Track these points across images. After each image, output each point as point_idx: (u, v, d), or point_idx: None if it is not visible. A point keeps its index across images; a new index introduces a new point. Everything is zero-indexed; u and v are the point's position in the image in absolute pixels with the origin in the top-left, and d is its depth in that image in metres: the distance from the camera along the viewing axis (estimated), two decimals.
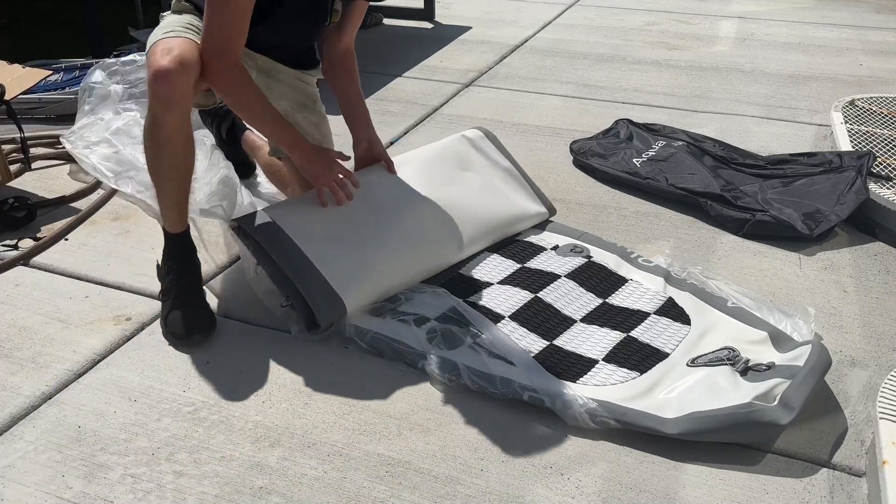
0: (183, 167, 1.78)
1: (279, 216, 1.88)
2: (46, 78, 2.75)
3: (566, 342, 1.76)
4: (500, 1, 5.09)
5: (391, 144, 2.87)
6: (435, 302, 1.85)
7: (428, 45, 4.11)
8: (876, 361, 1.77)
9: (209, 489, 1.42)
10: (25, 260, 2.12)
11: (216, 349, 1.79)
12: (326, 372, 1.72)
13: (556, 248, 2.12)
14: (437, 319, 1.79)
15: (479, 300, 1.89)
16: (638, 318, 1.85)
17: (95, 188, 2.49)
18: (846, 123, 2.84)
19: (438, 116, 3.16)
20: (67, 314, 1.90)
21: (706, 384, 1.61)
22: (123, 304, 1.94)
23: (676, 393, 1.60)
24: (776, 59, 3.92)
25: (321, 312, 1.76)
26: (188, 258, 1.87)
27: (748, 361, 1.67)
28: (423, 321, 1.78)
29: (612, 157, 2.67)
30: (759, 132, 3.00)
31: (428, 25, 4.53)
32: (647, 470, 1.47)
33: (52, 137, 2.76)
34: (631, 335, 1.79)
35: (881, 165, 2.50)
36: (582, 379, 1.65)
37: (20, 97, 2.66)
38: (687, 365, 1.69)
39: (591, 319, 1.84)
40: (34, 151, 2.67)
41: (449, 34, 4.32)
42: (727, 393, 1.57)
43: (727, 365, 1.66)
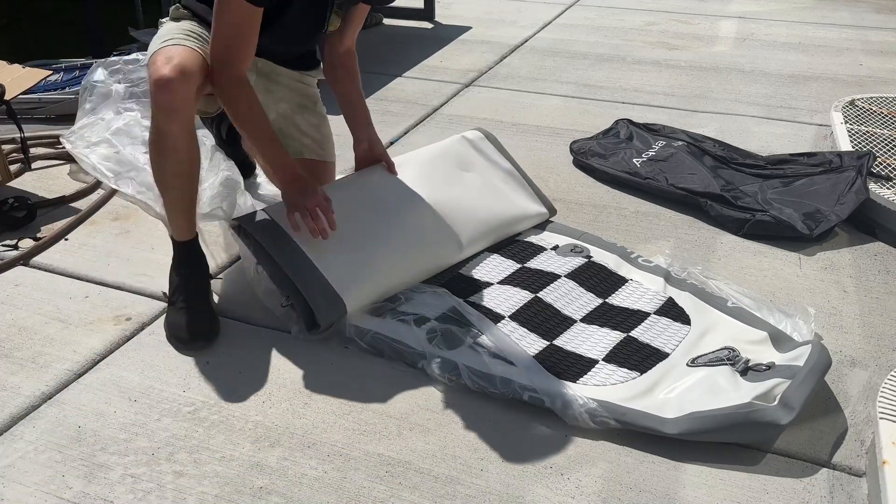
0: (188, 175, 1.77)
1: (280, 216, 1.88)
2: (46, 78, 2.75)
3: (566, 342, 1.76)
4: (500, 1, 5.09)
5: (391, 144, 2.87)
6: (435, 302, 1.85)
7: (428, 45, 4.11)
8: (876, 361, 1.77)
9: (209, 489, 1.42)
10: (25, 260, 2.12)
11: (216, 349, 1.79)
12: (326, 372, 1.72)
13: (556, 248, 2.12)
14: (437, 319, 1.79)
15: (479, 300, 1.89)
16: (638, 318, 1.85)
17: (95, 188, 2.49)
18: (846, 123, 2.84)
19: (438, 116, 3.16)
20: (67, 314, 1.90)
21: (706, 384, 1.61)
22: (123, 304, 1.94)
23: (676, 393, 1.60)
24: (776, 59, 3.93)
25: (321, 312, 1.76)
26: (196, 263, 1.87)
27: (748, 361, 1.67)
28: (423, 321, 1.78)
29: (612, 157, 2.67)
30: (759, 132, 3.00)
31: (428, 25, 4.53)
32: (647, 470, 1.47)
33: (52, 137, 2.76)
34: (631, 335, 1.79)
35: (881, 165, 2.50)
36: (582, 379, 1.65)
37: (20, 97, 2.66)
38: (687, 365, 1.69)
39: (591, 319, 1.84)
40: (34, 151, 2.67)
41: (449, 34, 4.33)
42: (727, 393, 1.57)
43: (727, 365, 1.66)
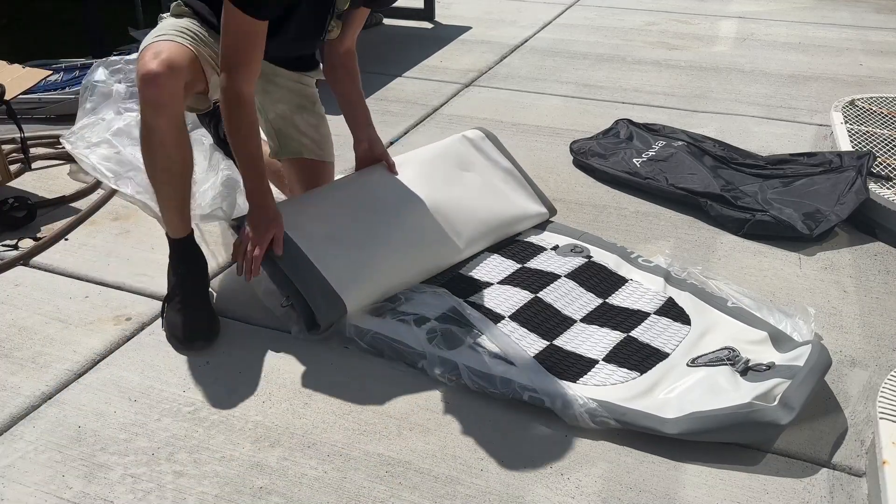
0: (178, 171, 1.76)
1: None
2: (46, 78, 2.75)
3: (566, 342, 1.76)
4: (500, 1, 5.09)
5: (391, 144, 2.87)
6: (435, 302, 1.85)
7: (428, 45, 4.11)
8: (876, 361, 1.77)
9: (209, 489, 1.42)
10: (25, 260, 2.12)
11: (216, 349, 1.79)
12: (326, 372, 1.72)
13: (556, 248, 2.12)
14: (437, 319, 1.79)
15: (479, 300, 1.89)
16: (638, 318, 1.85)
17: (95, 188, 2.49)
18: (846, 123, 2.84)
19: (438, 116, 3.16)
20: (67, 314, 1.90)
21: (706, 384, 1.61)
22: (123, 304, 1.94)
23: (676, 393, 1.60)
24: (776, 59, 3.93)
25: (321, 312, 1.76)
26: (193, 261, 1.87)
27: (748, 361, 1.67)
28: (423, 321, 1.78)
29: (612, 157, 2.67)
30: (759, 132, 3.00)
31: (428, 25, 4.53)
32: (647, 470, 1.47)
33: (52, 137, 2.76)
34: (631, 335, 1.79)
35: (881, 165, 2.50)
36: (582, 379, 1.65)
37: (20, 97, 2.66)
38: (687, 365, 1.69)
39: (591, 319, 1.84)
40: (34, 151, 2.68)
41: (449, 34, 4.33)
42: (727, 393, 1.57)
43: (727, 365, 1.66)
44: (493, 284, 1.96)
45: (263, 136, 2.21)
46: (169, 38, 1.74)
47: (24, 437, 1.54)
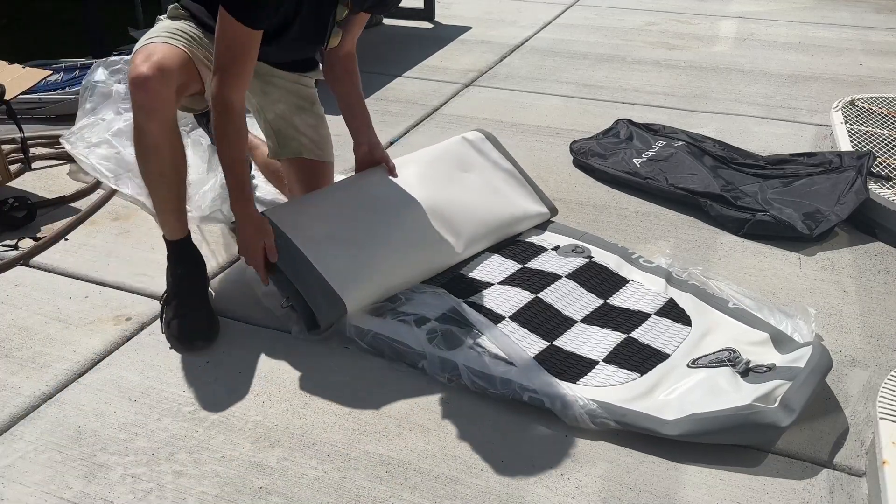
0: (172, 174, 1.76)
1: (279, 217, 1.88)
2: (46, 78, 2.75)
3: (566, 343, 1.76)
4: (500, 1, 5.09)
5: (391, 144, 2.87)
6: (435, 302, 1.85)
7: (428, 45, 4.11)
8: (876, 361, 1.77)
9: (209, 489, 1.42)
10: (25, 260, 2.12)
11: (216, 349, 1.79)
12: (326, 372, 1.72)
13: (556, 248, 2.12)
14: (437, 320, 1.79)
15: (479, 300, 1.89)
16: (639, 318, 1.85)
17: (95, 188, 2.49)
18: (846, 123, 2.84)
19: (438, 116, 3.16)
20: (67, 314, 1.90)
21: (707, 385, 1.61)
22: (123, 304, 1.94)
23: (677, 394, 1.60)
24: (776, 59, 3.92)
25: (321, 312, 1.76)
26: (191, 262, 1.87)
27: (749, 363, 1.67)
28: (423, 321, 1.78)
29: (612, 157, 2.67)
30: (759, 132, 3.00)
31: (428, 25, 4.53)
32: (647, 470, 1.47)
33: (52, 137, 2.76)
34: (631, 336, 1.79)
35: (881, 165, 2.50)
36: (582, 380, 1.65)
37: (20, 97, 2.66)
38: (687, 366, 1.69)
39: (591, 320, 1.84)
40: (34, 151, 2.67)
41: (449, 34, 4.32)
42: (728, 394, 1.57)
43: (728, 366, 1.65)
44: (493, 285, 1.96)
45: (263, 136, 2.21)
46: (161, 40, 1.73)
47: (24, 437, 1.53)
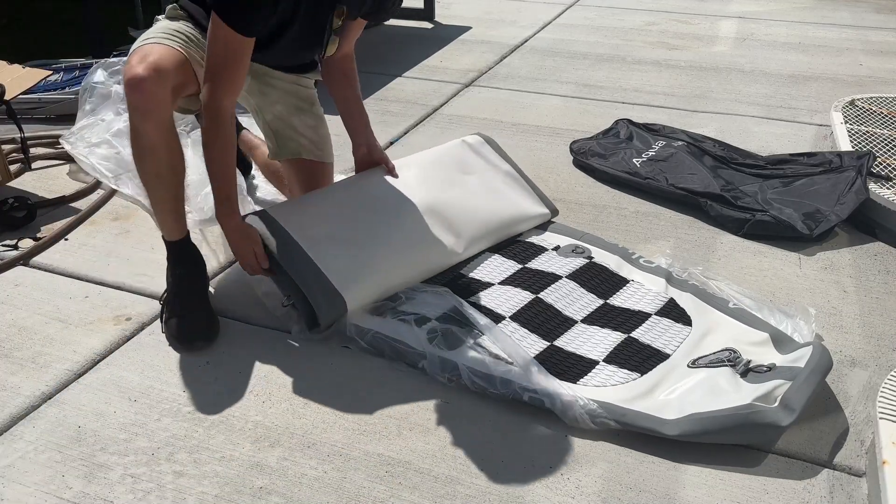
0: (169, 175, 1.75)
1: (280, 216, 1.88)
2: (46, 78, 2.75)
3: (567, 343, 1.76)
4: (500, 1, 5.09)
5: (391, 144, 2.87)
6: (436, 302, 1.85)
7: (428, 45, 4.11)
8: (876, 361, 1.77)
9: (209, 489, 1.42)
10: (25, 260, 2.12)
11: (216, 349, 1.79)
12: (326, 372, 1.72)
13: (557, 248, 2.12)
14: (437, 319, 1.79)
15: (479, 300, 1.89)
16: (639, 318, 1.85)
17: (95, 188, 2.49)
18: (846, 123, 2.84)
19: (438, 116, 3.16)
20: (67, 314, 1.90)
21: (707, 385, 1.61)
22: (123, 304, 1.94)
23: (677, 394, 1.60)
24: (776, 59, 3.92)
25: (322, 311, 1.76)
26: (191, 263, 1.87)
27: (749, 363, 1.67)
28: (423, 321, 1.78)
29: (612, 157, 2.67)
30: (759, 132, 3.00)
31: (428, 25, 4.53)
32: (647, 470, 1.47)
33: (52, 137, 2.76)
34: (632, 336, 1.79)
35: (881, 165, 2.50)
36: (582, 380, 1.65)
37: (20, 97, 2.66)
38: (688, 366, 1.69)
39: (591, 320, 1.84)
40: (34, 151, 2.67)
41: (449, 34, 4.32)
42: (728, 394, 1.57)
43: (728, 366, 1.65)
44: (494, 285, 1.96)
45: (262, 136, 2.21)
46: (157, 41, 1.72)
47: (24, 437, 1.53)
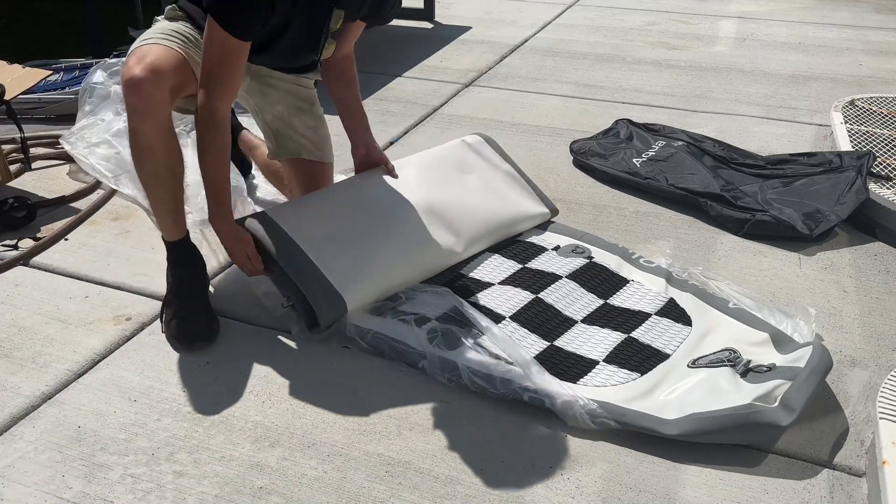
0: (167, 176, 1.75)
1: (280, 217, 1.88)
2: (46, 78, 2.75)
3: (567, 343, 1.76)
4: (500, 1, 5.09)
5: (391, 144, 2.87)
6: (436, 302, 1.85)
7: (428, 45, 4.11)
8: (876, 361, 1.77)
9: (209, 489, 1.42)
10: (25, 260, 2.12)
11: (216, 349, 1.79)
12: (326, 372, 1.72)
13: (557, 248, 2.12)
14: (437, 319, 1.79)
15: (479, 300, 1.89)
16: (639, 318, 1.85)
17: (95, 188, 2.49)
18: (846, 123, 2.84)
19: (438, 116, 3.16)
20: (67, 314, 1.90)
21: (707, 385, 1.61)
22: (123, 304, 1.94)
23: (677, 394, 1.60)
24: (776, 59, 3.92)
25: (322, 311, 1.76)
26: (191, 263, 1.87)
27: (749, 363, 1.67)
28: (423, 321, 1.78)
29: (612, 157, 2.67)
30: (759, 132, 3.00)
31: (428, 25, 4.53)
32: (647, 470, 1.47)
33: (52, 137, 2.76)
34: (632, 336, 1.79)
35: (881, 165, 2.50)
36: (582, 380, 1.65)
37: (20, 97, 2.66)
38: (688, 366, 1.69)
39: (591, 320, 1.84)
40: (34, 151, 2.67)
41: (449, 34, 4.32)
42: (728, 394, 1.57)
43: (728, 366, 1.65)
44: (494, 285, 1.96)
45: (262, 136, 2.21)
46: (155, 41, 1.72)
47: (24, 437, 1.53)
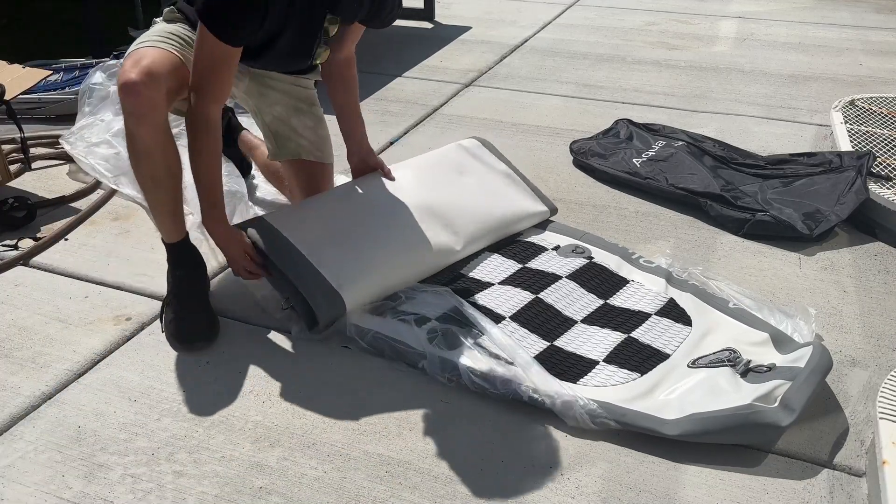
0: (165, 178, 1.74)
1: (276, 221, 1.89)
2: (46, 78, 2.75)
3: (567, 343, 1.76)
4: (500, 1, 5.09)
5: (391, 144, 2.87)
6: (436, 301, 1.85)
7: (428, 45, 4.11)
8: (876, 361, 1.77)
9: (209, 489, 1.42)
10: (25, 260, 2.12)
11: (216, 349, 1.79)
12: (326, 372, 1.72)
13: (557, 248, 2.12)
14: (437, 319, 1.79)
15: (479, 300, 1.89)
16: (639, 318, 1.85)
17: (95, 188, 2.49)
18: (846, 123, 2.84)
19: (438, 116, 3.16)
20: (67, 314, 1.90)
21: (707, 385, 1.61)
22: (123, 304, 1.94)
23: (677, 394, 1.60)
24: (776, 59, 3.92)
25: (321, 310, 1.76)
26: (191, 264, 1.87)
27: (749, 363, 1.67)
28: (423, 321, 1.78)
29: (612, 157, 2.67)
30: (759, 132, 3.00)
31: (428, 25, 4.53)
32: (647, 470, 1.47)
33: (52, 137, 2.76)
34: (632, 336, 1.79)
35: (881, 165, 2.50)
36: (582, 380, 1.65)
37: (20, 97, 2.66)
38: (688, 366, 1.69)
39: (591, 320, 1.84)
40: (34, 151, 2.67)
41: (449, 34, 4.32)
42: (728, 394, 1.57)
43: (728, 366, 1.65)
44: (494, 285, 1.96)
45: (262, 136, 2.21)
46: (151, 44, 1.72)
47: (24, 437, 1.54)
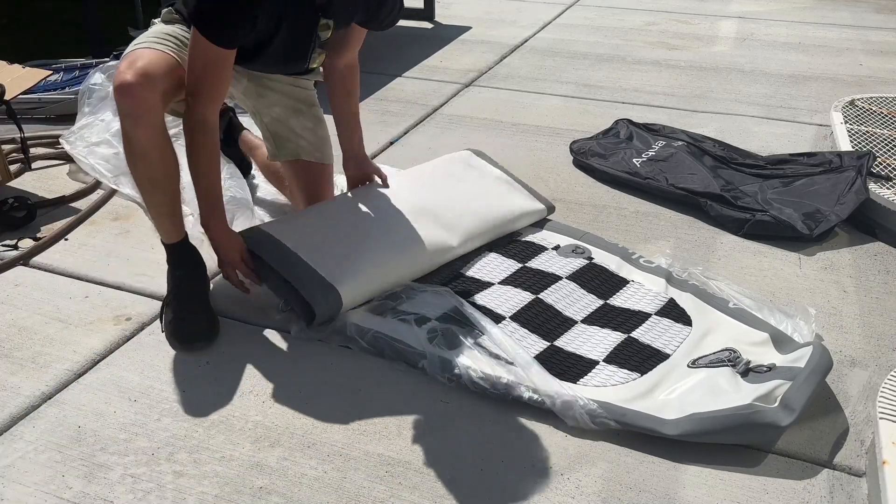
0: (163, 179, 1.74)
1: (275, 230, 1.91)
2: (46, 78, 2.75)
3: (567, 343, 1.76)
4: (500, 1, 5.09)
5: (391, 144, 2.87)
6: (436, 301, 1.85)
7: (428, 45, 4.11)
8: (876, 361, 1.77)
9: (209, 489, 1.42)
10: (25, 260, 2.12)
11: (216, 349, 1.79)
12: (326, 372, 1.72)
13: (557, 248, 2.12)
14: (437, 319, 1.79)
15: (480, 300, 1.89)
16: (639, 319, 1.85)
17: (95, 188, 2.49)
18: (846, 123, 2.84)
19: (438, 116, 3.16)
20: (67, 314, 1.90)
21: (707, 385, 1.61)
22: (123, 304, 1.94)
23: (677, 394, 1.60)
24: (776, 59, 3.92)
25: (318, 304, 1.76)
26: (191, 264, 1.86)
27: (749, 363, 1.67)
28: (423, 321, 1.78)
29: (612, 157, 2.67)
30: (759, 132, 3.00)
31: (428, 25, 4.53)
32: (647, 470, 1.47)
33: (52, 137, 2.76)
34: (632, 336, 1.79)
35: (881, 165, 2.50)
36: (582, 380, 1.65)
37: (20, 97, 2.66)
38: (688, 366, 1.69)
39: (592, 320, 1.84)
40: (34, 151, 2.67)
41: (449, 34, 4.32)
42: (728, 394, 1.57)
43: (728, 366, 1.65)
44: (493, 284, 1.96)
45: (261, 137, 2.21)
46: (147, 45, 1.72)
47: (24, 437, 1.53)
